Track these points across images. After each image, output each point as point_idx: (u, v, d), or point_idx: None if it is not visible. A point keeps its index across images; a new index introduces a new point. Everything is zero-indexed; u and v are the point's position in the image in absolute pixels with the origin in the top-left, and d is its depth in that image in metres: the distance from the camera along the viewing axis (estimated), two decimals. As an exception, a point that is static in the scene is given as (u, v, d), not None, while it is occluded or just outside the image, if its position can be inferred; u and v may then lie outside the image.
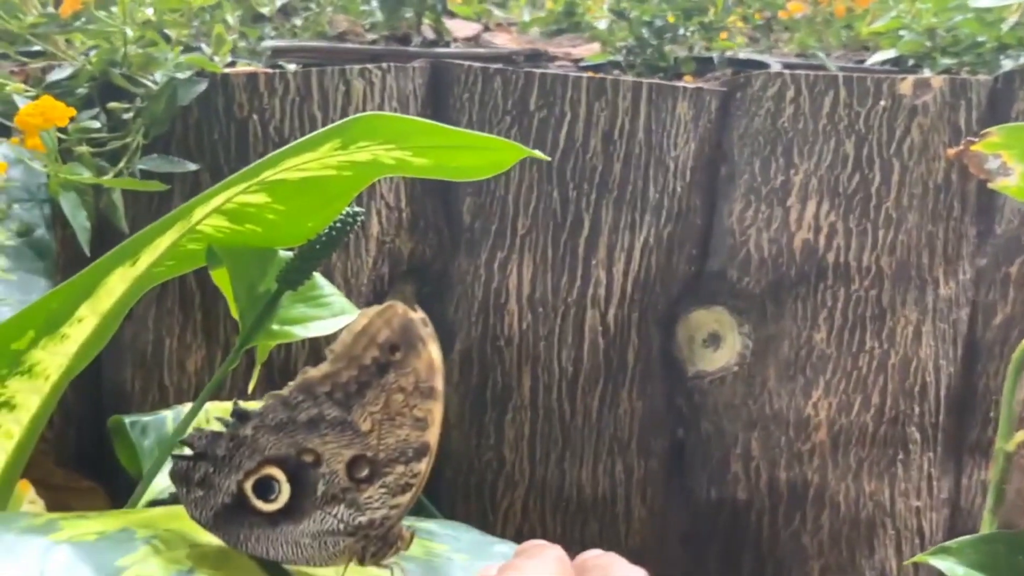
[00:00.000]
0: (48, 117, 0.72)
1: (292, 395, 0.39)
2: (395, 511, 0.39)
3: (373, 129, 0.44)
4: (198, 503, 0.40)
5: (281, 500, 0.40)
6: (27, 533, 0.37)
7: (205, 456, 0.40)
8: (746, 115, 0.94)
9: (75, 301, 0.44)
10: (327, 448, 0.39)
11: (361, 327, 0.39)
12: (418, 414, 0.39)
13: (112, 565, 0.36)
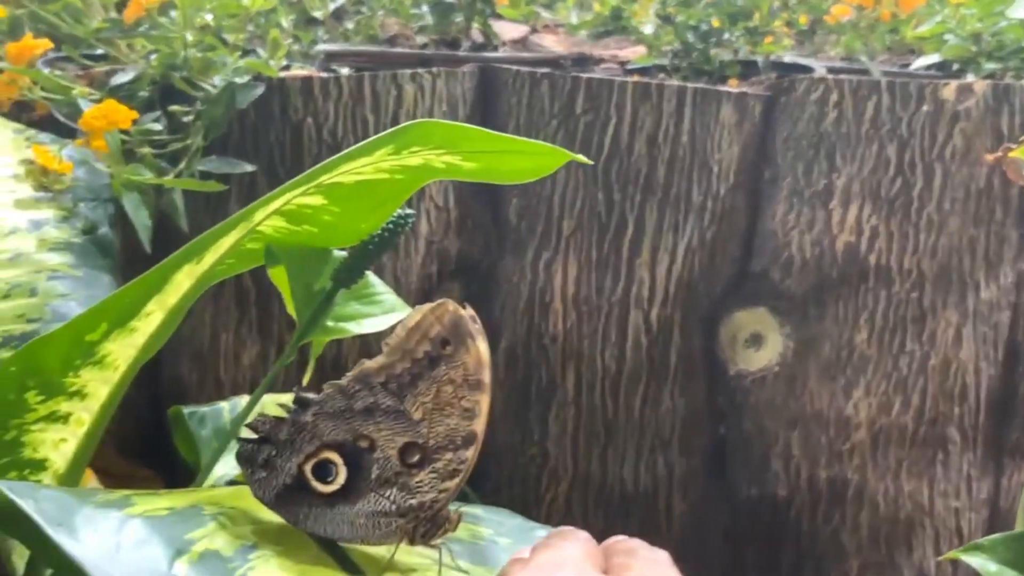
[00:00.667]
0: (112, 120, 0.75)
1: (350, 385, 0.42)
2: (444, 495, 0.42)
3: (424, 135, 0.46)
4: (261, 483, 0.43)
5: (338, 482, 0.42)
6: (104, 507, 0.39)
7: (268, 440, 0.43)
8: (790, 119, 0.95)
9: (145, 296, 0.47)
10: (381, 435, 0.42)
11: (415, 323, 0.41)
12: (466, 405, 0.42)
13: (182, 539, 0.38)
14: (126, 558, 0.36)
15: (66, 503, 0.39)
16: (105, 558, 0.36)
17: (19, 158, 0.76)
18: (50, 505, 0.38)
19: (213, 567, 0.37)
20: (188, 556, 0.37)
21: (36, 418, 0.50)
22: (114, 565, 0.35)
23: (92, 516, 0.38)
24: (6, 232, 0.70)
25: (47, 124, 0.84)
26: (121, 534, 0.37)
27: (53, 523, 0.37)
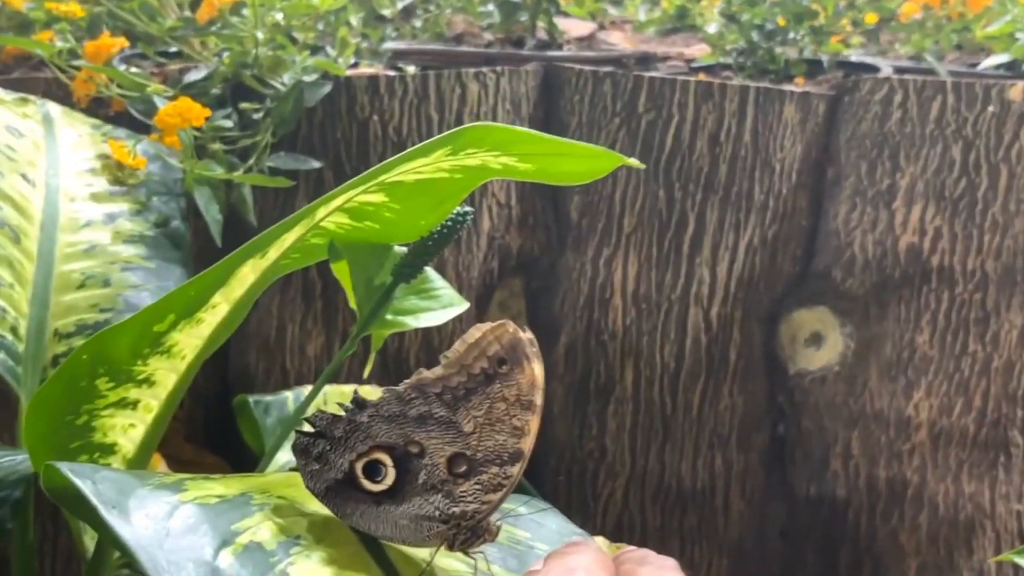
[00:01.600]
0: (185, 117, 0.77)
1: (406, 392, 0.44)
2: (486, 506, 0.43)
3: (480, 138, 0.47)
4: (314, 475, 0.44)
5: (386, 482, 0.44)
6: (158, 489, 0.41)
7: (324, 435, 0.44)
8: (853, 119, 0.95)
9: (211, 289, 0.49)
10: (432, 442, 0.43)
11: (474, 339, 0.43)
12: (516, 423, 0.43)
13: (229, 529, 0.40)
14: (173, 544, 0.37)
15: (122, 485, 0.40)
16: (153, 543, 0.37)
17: (96, 152, 0.79)
18: (107, 487, 0.39)
19: (256, 560, 0.38)
20: (233, 547, 0.39)
21: (106, 404, 0.52)
22: (161, 550, 0.37)
23: (145, 500, 0.39)
24: (82, 224, 0.72)
25: (122, 120, 0.87)
26: (171, 520, 0.39)
27: (108, 505, 0.38)
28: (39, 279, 0.68)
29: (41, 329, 0.66)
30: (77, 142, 0.79)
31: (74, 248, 0.71)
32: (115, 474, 0.42)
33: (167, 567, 0.36)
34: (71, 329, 0.67)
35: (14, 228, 0.68)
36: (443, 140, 0.47)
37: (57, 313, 0.67)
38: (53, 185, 0.73)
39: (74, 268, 0.70)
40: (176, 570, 0.36)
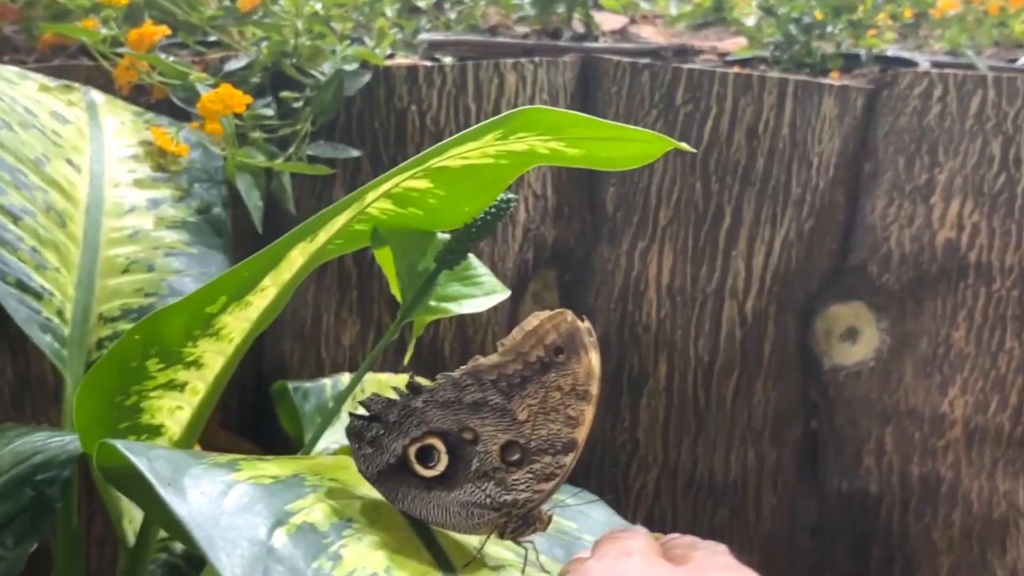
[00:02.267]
0: (228, 104, 0.77)
1: (462, 378, 0.44)
2: (538, 495, 0.43)
3: (532, 121, 0.47)
4: (367, 459, 0.45)
5: (439, 468, 0.44)
6: (213, 468, 0.41)
7: (378, 419, 0.45)
8: (892, 113, 0.95)
9: (263, 271, 0.49)
10: (485, 429, 0.44)
11: (532, 327, 0.43)
12: (571, 413, 0.43)
13: (282, 509, 0.40)
14: (228, 522, 0.38)
15: (177, 463, 0.41)
16: (209, 520, 0.37)
17: (138, 139, 0.79)
18: (162, 464, 0.40)
19: (309, 541, 0.39)
20: (286, 527, 0.39)
21: (155, 385, 0.52)
22: (216, 528, 0.37)
23: (200, 478, 0.40)
24: (126, 210, 0.73)
25: (161, 108, 0.88)
26: (225, 498, 0.39)
27: (163, 482, 0.39)
28: (84, 263, 0.68)
29: (86, 313, 0.67)
30: (120, 129, 0.79)
31: (119, 233, 0.71)
32: (169, 452, 0.42)
33: (222, 544, 0.36)
34: (116, 313, 0.68)
35: (60, 213, 0.69)
36: (494, 124, 0.47)
37: (102, 297, 0.68)
38: (98, 171, 0.74)
39: (119, 253, 0.70)
40: (231, 548, 0.36)
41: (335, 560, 0.38)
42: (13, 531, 0.55)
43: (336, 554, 0.39)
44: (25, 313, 0.62)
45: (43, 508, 0.56)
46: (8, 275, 0.62)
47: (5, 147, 0.68)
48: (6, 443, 0.60)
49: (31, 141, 0.70)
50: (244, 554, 0.36)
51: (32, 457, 0.57)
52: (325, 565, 0.38)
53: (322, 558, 0.38)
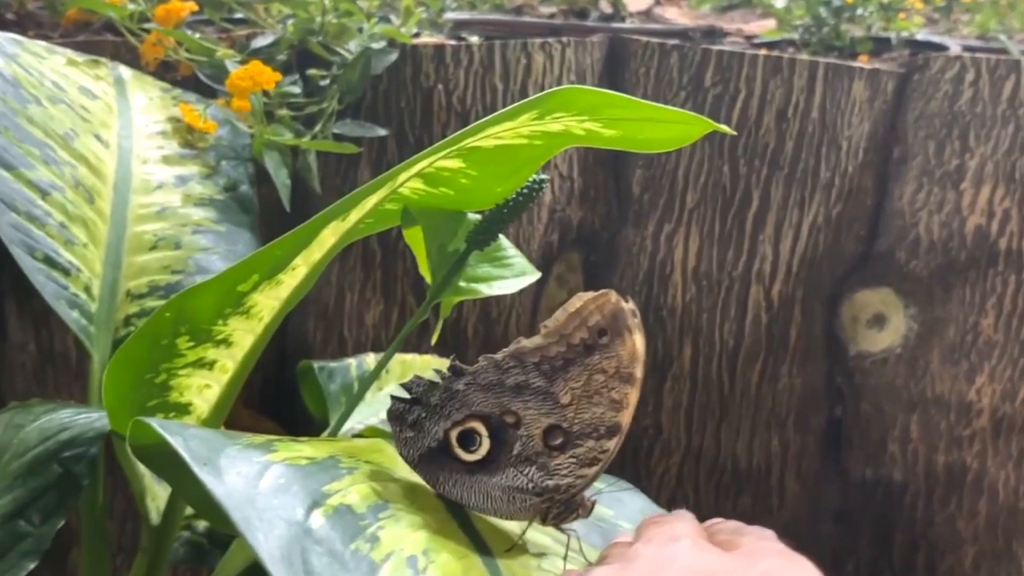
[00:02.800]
0: (257, 80, 0.77)
1: (504, 360, 0.43)
2: (581, 481, 0.43)
3: (569, 101, 0.47)
4: (408, 443, 0.44)
5: (480, 452, 0.43)
6: (248, 449, 0.41)
7: (420, 402, 0.44)
8: (923, 97, 0.94)
9: (295, 250, 0.49)
10: (528, 413, 0.43)
11: (575, 308, 0.42)
12: (615, 396, 0.42)
13: (319, 490, 0.40)
14: (265, 503, 0.37)
15: (212, 443, 0.40)
16: (246, 501, 0.37)
17: (166, 116, 0.79)
18: (198, 444, 0.39)
19: (346, 522, 0.38)
20: (323, 509, 0.39)
21: (184, 363, 0.52)
22: (253, 508, 0.37)
23: (236, 458, 0.39)
24: (154, 186, 0.73)
25: (187, 85, 0.87)
26: (262, 479, 0.39)
27: (200, 462, 0.38)
28: (112, 240, 0.68)
29: (114, 289, 0.66)
30: (148, 105, 0.79)
31: (147, 210, 0.71)
32: (204, 432, 0.42)
33: (259, 525, 0.36)
34: (143, 290, 0.67)
35: (88, 188, 0.68)
36: (530, 104, 0.46)
37: (129, 274, 0.68)
38: (126, 147, 0.73)
39: (146, 229, 0.70)
40: (268, 528, 0.36)
41: (373, 542, 0.38)
42: (40, 508, 0.55)
43: (374, 536, 0.38)
44: (53, 289, 0.62)
45: (70, 485, 0.55)
46: (36, 250, 0.62)
47: (34, 122, 0.67)
48: (33, 419, 0.59)
49: (59, 116, 0.70)
50: (281, 535, 0.36)
51: (59, 434, 0.57)
52: (363, 547, 0.37)
53: (359, 540, 0.38)
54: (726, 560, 0.35)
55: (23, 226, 0.62)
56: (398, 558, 0.38)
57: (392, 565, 0.37)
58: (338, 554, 0.36)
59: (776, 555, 0.35)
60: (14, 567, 0.53)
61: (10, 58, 0.70)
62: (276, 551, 0.35)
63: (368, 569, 0.36)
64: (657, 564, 0.34)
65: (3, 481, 0.56)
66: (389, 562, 0.37)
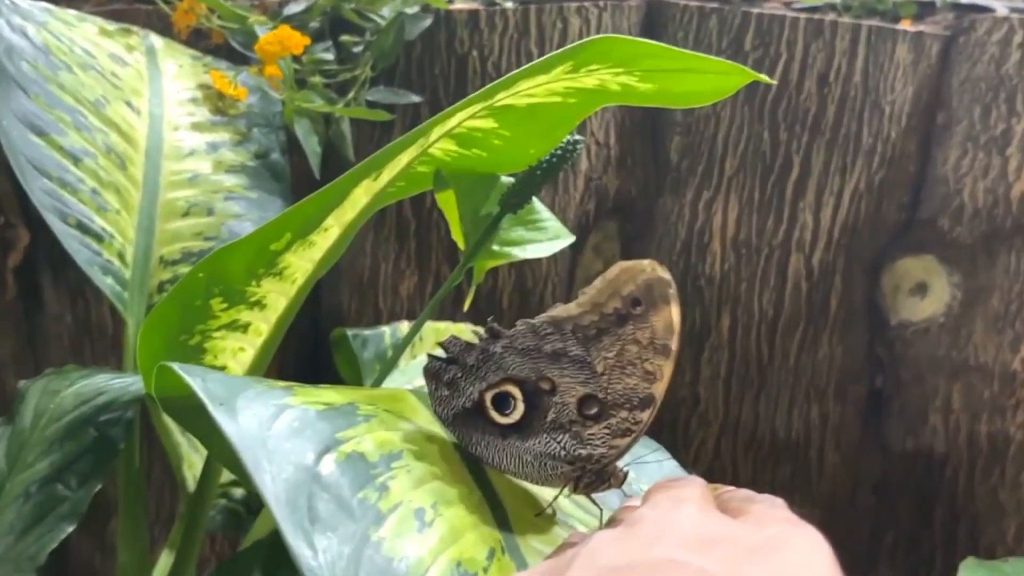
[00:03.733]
0: (285, 45, 0.76)
1: (542, 326, 0.43)
2: (613, 451, 0.42)
3: (605, 52, 0.46)
4: (442, 401, 0.44)
5: (515, 416, 0.43)
6: (267, 392, 0.40)
7: (456, 361, 0.44)
8: (968, 61, 0.92)
9: (327, 208, 0.48)
10: (564, 380, 0.42)
11: (612, 277, 0.42)
12: (648, 367, 0.41)
13: (333, 437, 0.39)
14: (276, 446, 0.37)
15: (232, 386, 0.40)
16: (257, 442, 0.37)
17: (196, 83, 0.78)
18: (216, 386, 0.39)
19: (357, 470, 0.38)
20: (335, 455, 0.38)
21: (218, 325, 0.52)
22: (264, 450, 0.37)
23: (253, 400, 0.39)
24: (185, 153, 0.72)
25: (220, 53, 0.87)
26: (276, 422, 0.39)
27: (216, 402, 0.38)
28: (145, 206, 0.68)
29: (147, 255, 0.66)
30: (179, 72, 0.79)
31: (178, 176, 0.71)
32: (226, 376, 0.42)
33: (268, 467, 0.36)
34: (176, 256, 0.67)
35: (120, 155, 0.68)
36: (565, 55, 0.45)
37: (162, 240, 0.68)
38: (157, 113, 0.73)
39: (178, 196, 0.70)
40: (277, 471, 0.36)
41: (381, 491, 0.37)
42: (77, 471, 0.55)
43: (383, 485, 0.38)
44: (86, 255, 0.62)
45: (106, 449, 0.55)
46: (69, 216, 0.62)
47: (65, 88, 0.67)
48: (69, 384, 0.59)
49: (90, 83, 0.69)
50: (289, 478, 0.36)
51: (95, 398, 0.57)
52: (371, 496, 0.37)
53: (368, 488, 0.37)
54: (731, 526, 0.34)
55: (55, 192, 0.62)
56: (406, 509, 0.37)
57: (398, 516, 0.37)
58: (344, 501, 0.36)
59: (783, 523, 0.34)
60: (52, 530, 0.53)
61: (40, 25, 0.70)
62: (282, 494, 0.35)
63: (374, 518, 0.36)
64: (660, 528, 0.34)
65: (40, 446, 0.56)
66: (396, 513, 0.37)
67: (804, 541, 0.33)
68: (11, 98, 0.64)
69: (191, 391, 0.38)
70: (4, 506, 0.53)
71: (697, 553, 0.31)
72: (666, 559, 0.31)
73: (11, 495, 0.53)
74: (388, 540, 0.35)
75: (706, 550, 0.32)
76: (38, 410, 0.58)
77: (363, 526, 0.35)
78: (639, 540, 0.33)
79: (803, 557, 0.32)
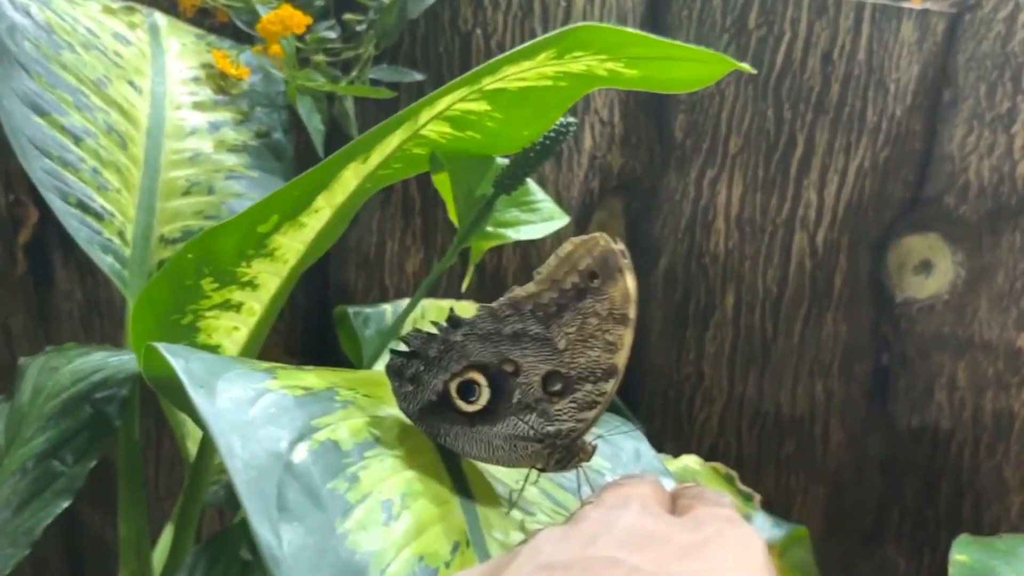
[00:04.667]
0: (287, 24, 0.77)
1: (501, 309, 0.43)
2: (581, 424, 0.43)
3: (586, 40, 0.46)
4: (407, 397, 0.44)
5: (481, 402, 0.43)
6: (247, 374, 0.41)
7: (418, 355, 0.44)
8: (974, 38, 0.91)
9: (314, 190, 0.49)
10: (527, 360, 0.43)
11: (565, 253, 0.42)
12: (609, 338, 0.42)
13: (308, 424, 0.40)
14: (251, 432, 0.37)
15: (214, 366, 0.40)
16: (232, 427, 0.37)
17: (199, 62, 0.79)
18: (199, 366, 0.40)
19: (329, 459, 0.38)
20: (309, 443, 0.38)
21: (211, 305, 0.52)
22: (238, 435, 0.37)
23: (233, 382, 0.39)
24: (187, 132, 0.73)
25: (225, 32, 0.87)
26: (254, 407, 0.39)
27: (196, 384, 0.38)
28: (145, 185, 0.68)
29: (147, 234, 0.67)
30: (181, 51, 0.79)
31: (179, 155, 0.71)
32: (211, 356, 0.42)
33: (240, 453, 0.36)
34: (177, 235, 0.68)
35: (121, 134, 0.69)
36: (548, 41, 0.45)
37: (163, 219, 0.68)
38: (159, 92, 0.74)
39: (179, 175, 0.71)
40: (249, 457, 0.36)
41: (352, 482, 0.38)
42: (73, 448, 0.56)
43: (354, 475, 0.38)
44: (86, 233, 0.62)
45: (102, 425, 0.56)
46: (70, 195, 0.63)
47: (67, 68, 0.68)
48: (67, 362, 0.60)
49: (93, 62, 0.70)
50: (261, 466, 0.36)
51: (92, 375, 0.58)
52: (341, 486, 0.37)
53: (339, 479, 0.38)
54: (669, 525, 0.35)
55: (56, 171, 0.63)
56: (374, 500, 0.37)
57: (366, 507, 0.37)
58: (314, 491, 0.36)
59: (721, 521, 0.35)
60: (48, 505, 0.54)
61: (43, 4, 0.70)
62: (252, 481, 0.35)
63: (341, 510, 0.36)
64: (601, 526, 0.34)
65: (38, 422, 0.57)
66: (364, 504, 0.37)
67: (738, 541, 0.34)
68: (12, 78, 0.64)
69: (175, 372, 0.39)
70: (1, 481, 0.54)
71: (632, 552, 0.32)
72: (602, 557, 0.32)
73: (8, 470, 0.54)
74: (353, 533, 0.36)
75: (641, 549, 0.32)
76: (37, 386, 0.59)
77: (330, 517, 0.36)
78: (579, 539, 0.34)
79: (734, 556, 0.33)
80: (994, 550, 0.71)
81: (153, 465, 1.04)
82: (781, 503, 1.01)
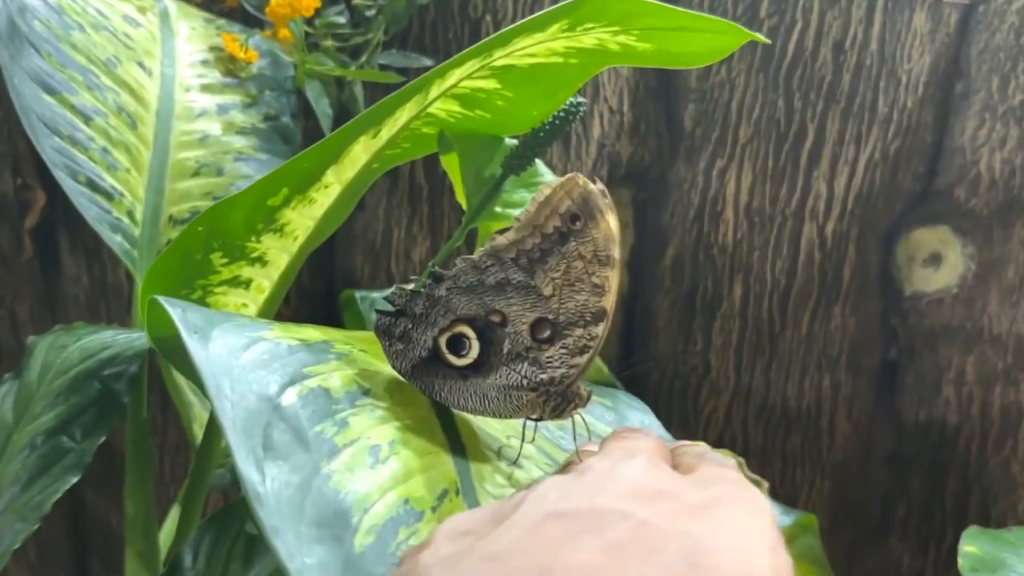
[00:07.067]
0: (295, 7, 0.77)
1: (482, 260, 0.43)
2: (574, 370, 0.42)
3: (600, 10, 0.46)
4: (398, 355, 0.44)
5: (471, 356, 0.43)
6: (242, 327, 0.41)
7: (405, 313, 0.44)
8: (987, 30, 0.91)
9: (324, 163, 0.48)
10: (512, 310, 0.42)
11: (544, 197, 0.42)
12: (596, 281, 0.42)
13: (300, 371, 0.40)
14: (241, 375, 0.37)
15: (211, 317, 0.40)
16: (223, 371, 0.37)
17: (208, 45, 0.79)
18: (196, 316, 0.40)
19: (319, 404, 0.38)
20: (299, 388, 0.38)
21: (220, 280, 0.52)
22: (228, 378, 0.37)
23: (228, 331, 0.39)
24: (196, 114, 0.73)
25: (235, 16, 0.87)
26: (246, 352, 0.39)
27: (191, 330, 0.38)
28: (155, 166, 0.68)
29: (156, 215, 0.67)
30: (191, 34, 0.79)
31: (189, 137, 0.71)
32: (209, 310, 0.42)
33: (229, 395, 0.36)
34: (186, 215, 0.68)
35: (131, 114, 0.69)
36: (560, 12, 0.45)
37: (172, 199, 0.68)
38: (168, 74, 0.74)
39: (188, 156, 0.70)
40: (238, 399, 0.36)
41: (341, 427, 0.38)
42: (81, 424, 0.56)
43: (344, 421, 0.38)
44: (95, 212, 0.62)
45: (111, 402, 0.56)
46: (79, 174, 0.63)
47: (77, 48, 0.68)
48: (76, 340, 0.60)
49: (103, 43, 0.70)
50: (249, 407, 0.36)
51: (100, 352, 0.58)
52: (329, 429, 0.37)
53: (327, 423, 0.37)
54: (677, 481, 0.34)
55: (66, 150, 0.63)
56: (361, 445, 0.37)
57: (353, 451, 0.37)
58: (301, 433, 0.36)
59: (729, 483, 0.35)
60: (57, 481, 0.54)
61: (54, -16, 0.70)
62: (240, 421, 0.35)
63: (328, 451, 0.36)
64: (606, 478, 0.34)
65: (46, 398, 0.57)
66: (351, 448, 0.37)
67: (746, 503, 0.34)
68: (24, 57, 0.64)
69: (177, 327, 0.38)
70: (10, 457, 0.54)
71: (641, 505, 0.32)
72: (610, 508, 0.32)
73: (17, 446, 0.54)
74: (338, 473, 0.36)
75: (650, 503, 0.32)
76: (45, 364, 0.58)
77: (315, 458, 0.36)
78: (586, 488, 0.33)
79: (743, 518, 0.33)
80: (1003, 542, 0.70)
81: (159, 451, 1.04)
82: (787, 496, 1.01)
